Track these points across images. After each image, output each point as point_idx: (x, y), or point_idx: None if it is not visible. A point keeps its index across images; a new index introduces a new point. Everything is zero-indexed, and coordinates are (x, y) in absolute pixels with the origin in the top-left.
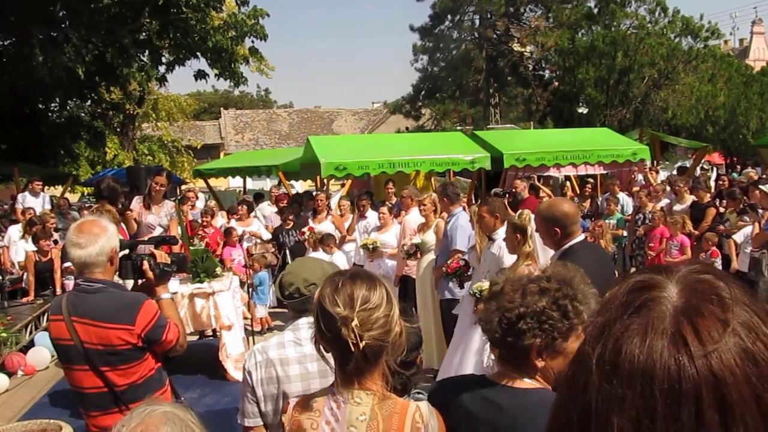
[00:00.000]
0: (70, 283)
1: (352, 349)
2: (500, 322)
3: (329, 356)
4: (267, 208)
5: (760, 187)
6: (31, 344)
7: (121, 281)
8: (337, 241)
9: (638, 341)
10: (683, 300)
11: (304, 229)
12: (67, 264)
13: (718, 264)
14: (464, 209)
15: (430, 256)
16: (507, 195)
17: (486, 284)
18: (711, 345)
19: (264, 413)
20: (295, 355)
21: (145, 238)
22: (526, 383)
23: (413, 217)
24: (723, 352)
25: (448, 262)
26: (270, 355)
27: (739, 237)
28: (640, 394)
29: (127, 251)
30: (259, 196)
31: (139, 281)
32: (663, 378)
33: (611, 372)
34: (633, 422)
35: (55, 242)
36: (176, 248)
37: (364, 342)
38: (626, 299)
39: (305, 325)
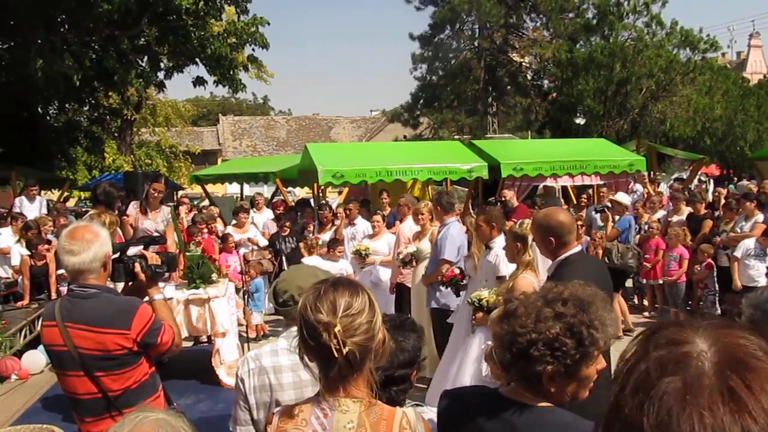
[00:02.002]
0: (65, 290)
1: (336, 355)
2: (510, 346)
3: (313, 366)
4: (253, 216)
5: (613, 198)
6: (27, 348)
7: (112, 284)
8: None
9: (685, 408)
10: (722, 356)
11: (310, 236)
12: (62, 271)
13: (713, 276)
14: (458, 219)
15: (426, 265)
16: (497, 204)
17: (484, 293)
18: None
19: (256, 421)
20: (288, 363)
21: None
22: (540, 403)
23: (408, 225)
24: None
25: (443, 270)
26: (263, 363)
27: (738, 252)
28: None
29: (118, 254)
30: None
31: (130, 283)
32: None
33: None
34: None
35: (48, 242)
36: (171, 247)
37: (347, 348)
38: (657, 356)
39: None
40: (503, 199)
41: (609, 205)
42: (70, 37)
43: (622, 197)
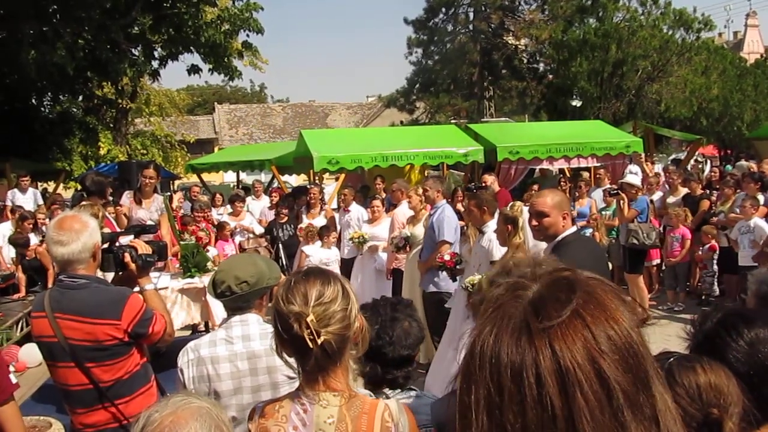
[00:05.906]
0: None
1: (311, 346)
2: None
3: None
4: (251, 203)
5: (624, 180)
6: (24, 341)
7: (102, 274)
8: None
9: (488, 331)
10: (536, 293)
11: (302, 225)
12: None
13: (713, 257)
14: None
15: (417, 250)
16: (478, 189)
17: (477, 278)
18: (549, 321)
19: None
20: (225, 354)
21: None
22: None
23: (403, 210)
24: (563, 330)
25: (443, 254)
26: (201, 353)
27: (734, 234)
28: (490, 376)
29: (107, 244)
30: (247, 191)
31: (120, 273)
32: (507, 362)
33: (470, 360)
34: (485, 400)
35: (28, 239)
36: (166, 237)
37: (322, 338)
38: (494, 300)
39: (237, 323)
40: (483, 184)
41: (614, 188)
42: (61, 27)
43: (634, 179)
